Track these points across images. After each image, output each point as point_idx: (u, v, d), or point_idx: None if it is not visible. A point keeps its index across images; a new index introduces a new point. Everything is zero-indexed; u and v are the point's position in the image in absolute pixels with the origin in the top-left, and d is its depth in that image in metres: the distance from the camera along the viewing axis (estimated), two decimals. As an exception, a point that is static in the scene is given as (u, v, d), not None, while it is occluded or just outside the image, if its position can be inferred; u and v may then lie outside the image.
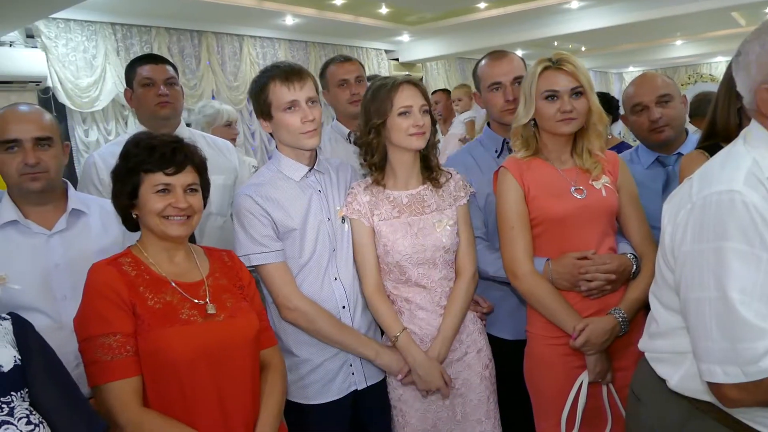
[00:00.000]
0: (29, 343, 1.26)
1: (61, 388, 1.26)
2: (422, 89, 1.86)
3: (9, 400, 1.16)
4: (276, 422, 1.60)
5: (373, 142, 1.85)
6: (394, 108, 1.80)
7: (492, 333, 2.09)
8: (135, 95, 2.41)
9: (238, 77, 6.52)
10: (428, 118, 1.83)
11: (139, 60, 2.46)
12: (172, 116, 2.42)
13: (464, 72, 10.10)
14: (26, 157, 1.69)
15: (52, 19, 5.07)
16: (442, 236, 1.86)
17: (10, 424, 1.13)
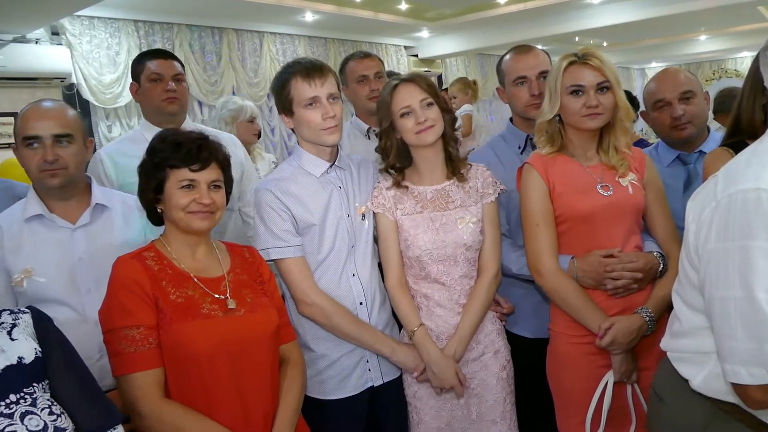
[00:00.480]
0: (48, 336, 1.28)
1: (80, 380, 1.28)
2: (422, 84, 1.83)
3: (32, 390, 1.18)
4: (295, 416, 1.61)
5: (386, 146, 1.88)
6: (394, 111, 1.82)
7: (513, 331, 2.08)
8: (142, 90, 2.40)
9: (258, 74, 6.55)
10: (433, 111, 1.82)
11: (147, 55, 2.46)
12: (179, 112, 2.43)
13: (483, 68, 10.05)
14: (45, 153, 1.71)
15: (77, 16, 5.15)
16: (464, 233, 1.85)
17: (34, 414, 1.15)
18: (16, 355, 1.20)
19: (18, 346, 1.21)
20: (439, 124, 1.83)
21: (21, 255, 1.71)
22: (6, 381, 1.15)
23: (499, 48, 8.93)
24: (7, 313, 1.26)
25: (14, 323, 1.25)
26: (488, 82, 10.11)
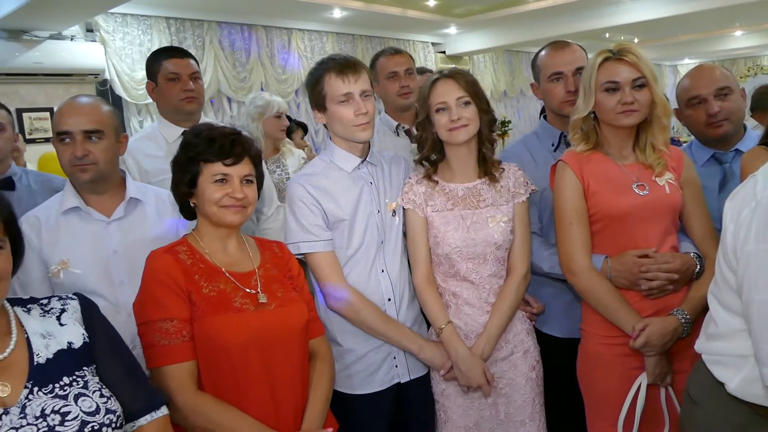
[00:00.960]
0: (94, 322, 1.31)
1: (124, 364, 1.32)
2: (461, 81, 1.82)
3: (83, 374, 1.22)
4: (324, 411, 1.62)
5: (422, 138, 1.88)
6: (431, 104, 1.81)
7: (543, 330, 2.06)
8: (158, 89, 2.40)
9: (286, 70, 6.61)
10: (470, 110, 1.80)
11: (163, 53, 2.45)
12: (197, 111, 2.44)
13: (511, 65, 9.97)
14: (75, 149, 1.74)
15: (111, 13, 5.25)
16: (495, 232, 1.84)
17: (86, 396, 1.19)
18: (66, 340, 1.24)
19: (67, 331, 1.26)
20: (474, 124, 1.82)
21: (58, 247, 1.75)
22: (59, 364, 1.20)
23: (527, 44, 8.87)
24: (56, 299, 1.30)
25: (63, 309, 1.29)
26: (516, 79, 10.04)
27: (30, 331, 1.22)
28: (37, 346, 1.20)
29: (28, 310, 1.26)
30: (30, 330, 1.22)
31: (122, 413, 1.23)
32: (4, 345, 1.18)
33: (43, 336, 1.22)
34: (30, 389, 1.15)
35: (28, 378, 1.16)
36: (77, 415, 1.15)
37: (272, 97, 3.56)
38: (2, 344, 1.18)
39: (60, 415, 1.13)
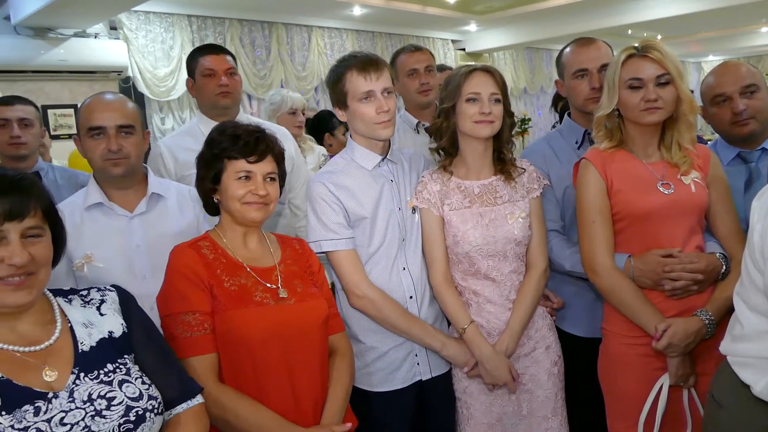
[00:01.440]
0: (132, 313, 1.34)
1: (161, 353, 1.35)
2: (497, 78, 1.83)
3: (124, 361, 1.25)
4: (343, 406, 1.63)
5: (442, 126, 1.86)
6: (462, 93, 1.80)
7: (564, 329, 2.05)
8: (196, 85, 2.47)
9: (306, 67, 6.64)
10: (498, 108, 1.80)
11: (200, 50, 2.52)
12: (232, 105, 2.48)
13: (531, 62, 9.90)
14: (109, 143, 1.77)
15: (134, 11, 5.32)
16: (515, 228, 1.83)
17: (130, 382, 1.22)
18: (106, 329, 1.27)
19: (107, 321, 1.29)
20: (499, 122, 1.82)
21: (82, 241, 1.78)
22: (102, 352, 1.23)
23: (548, 42, 8.81)
24: (95, 290, 1.34)
25: (102, 300, 1.32)
26: (536, 77, 9.97)
27: (73, 320, 1.25)
28: (80, 334, 1.24)
29: (69, 300, 1.29)
30: (72, 319, 1.26)
31: (162, 400, 1.26)
32: (49, 332, 1.21)
33: (85, 325, 1.26)
34: (77, 375, 1.18)
35: (74, 364, 1.19)
36: (122, 400, 1.18)
37: (288, 94, 3.57)
38: (48, 331, 1.21)
39: (106, 400, 1.16)
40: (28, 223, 1.14)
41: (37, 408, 1.10)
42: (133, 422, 1.17)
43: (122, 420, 1.16)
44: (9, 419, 1.07)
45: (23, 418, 1.08)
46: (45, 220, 1.19)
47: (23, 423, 1.08)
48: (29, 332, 1.19)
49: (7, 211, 1.11)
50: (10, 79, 4.74)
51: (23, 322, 1.19)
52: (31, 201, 1.15)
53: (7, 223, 1.11)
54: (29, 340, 1.18)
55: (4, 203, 1.11)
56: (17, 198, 1.13)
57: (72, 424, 1.11)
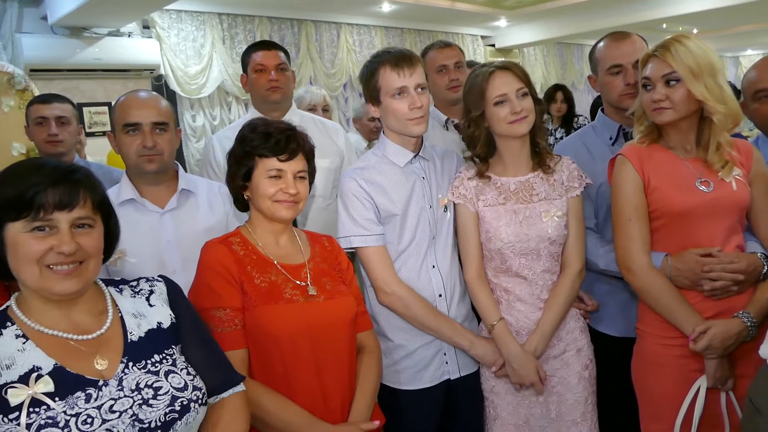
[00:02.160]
0: (179, 304, 1.37)
1: (206, 344, 1.37)
2: (518, 72, 1.79)
3: (171, 352, 1.28)
4: (371, 404, 1.63)
5: (474, 134, 1.84)
6: (489, 98, 1.77)
7: (597, 329, 2.01)
8: (249, 80, 2.51)
9: (335, 64, 6.65)
10: (528, 101, 1.78)
11: (254, 46, 2.56)
12: (283, 101, 2.50)
13: (563, 57, 9.76)
14: (145, 140, 1.80)
15: (166, 10, 5.39)
16: (549, 227, 1.80)
17: (175, 373, 1.24)
18: (155, 320, 1.30)
19: (156, 311, 1.31)
20: (532, 115, 1.79)
21: None
22: (150, 342, 1.26)
23: (579, 36, 8.66)
24: (144, 281, 1.37)
25: (151, 290, 1.35)
26: (567, 72, 9.83)
27: (123, 310, 1.28)
28: (129, 324, 1.26)
29: (120, 290, 1.32)
30: (123, 309, 1.28)
31: (206, 390, 1.28)
32: (101, 322, 1.24)
33: (134, 315, 1.28)
34: (126, 364, 1.21)
35: (124, 353, 1.22)
36: (168, 390, 1.20)
37: (308, 90, 3.59)
38: (100, 321, 1.24)
39: (153, 390, 1.19)
40: (77, 213, 1.16)
41: (89, 395, 1.13)
42: (178, 412, 1.19)
43: (168, 409, 1.18)
44: (62, 405, 1.10)
45: (75, 404, 1.11)
46: (97, 212, 1.21)
47: (75, 409, 1.11)
48: (82, 321, 1.22)
49: (57, 201, 1.14)
50: (47, 78, 4.84)
51: (77, 311, 1.22)
52: (81, 192, 1.17)
53: (57, 212, 1.14)
54: (82, 329, 1.21)
55: (54, 193, 1.14)
56: (67, 188, 1.16)
57: (120, 412, 1.14)
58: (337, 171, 2.51)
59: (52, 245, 1.14)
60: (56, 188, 1.15)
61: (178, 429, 1.20)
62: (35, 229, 1.13)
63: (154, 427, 1.16)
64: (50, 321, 1.18)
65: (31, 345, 1.15)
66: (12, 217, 1.13)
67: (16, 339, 1.15)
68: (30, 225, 1.13)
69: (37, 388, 1.10)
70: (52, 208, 1.14)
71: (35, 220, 1.13)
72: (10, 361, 1.12)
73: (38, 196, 1.13)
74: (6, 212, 1.13)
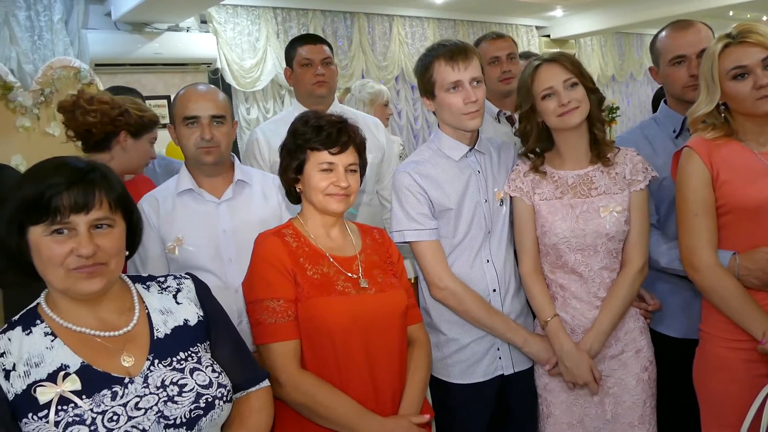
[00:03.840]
0: (207, 302, 1.38)
1: (232, 342, 1.38)
2: (565, 63, 1.74)
3: (196, 350, 1.29)
4: (421, 397, 1.62)
5: (527, 129, 1.81)
6: (536, 93, 1.74)
7: (657, 329, 1.94)
8: (294, 74, 2.52)
9: (387, 57, 6.64)
10: (578, 91, 1.72)
11: (299, 40, 2.56)
12: (328, 94, 2.50)
13: (621, 47, 9.45)
14: (203, 132, 1.84)
15: (223, 5, 5.51)
16: (607, 222, 1.74)
17: (200, 370, 1.25)
18: (182, 317, 1.31)
19: (183, 309, 1.33)
20: (585, 104, 1.73)
21: (174, 225, 1.86)
22: (176, 339, 1.27)
23: (640, 26, 8.35)
24: (172, 278, 1.38)
25: (178, 288, 1.36)
26: (625, 63, 9.52)
27: (150, 307, 1.29)
28: (156, 321, 1.28)
29: (147, 287, 1.33)
30: (150, 305, 1.30)
31: (231, 387, 1.29)
32: (128, 319, 1.25)
33: (161, 312, 1.30)
34: (151, 361, 1.21)
35: (150, 351, 1.23)
36: (193, 387, 1.21)
37: (381, 86, 3.62)
38: (126, 318, 1.25)
39: (178, 387, 1.20)
40: (94, 214, 1.16)
41: (114, 392, 1.15)
42: (203, 409, 1.20)
43: (193, 406, 1.19)
44: (89, 403, 1.12)
45: (101, 402, 1.13)
46: (116, 210, 1.21)
47: (101, 407, 1.12)
48: (109, 318, 1.23)
49: (73, 204, 1.14)
50: (111, 72, 5.02)
51: (103, 308, 1.23)
52: (97, 193, 1.17)
53: (73, 215, 1.14)
54: (109, 326, 1.22)
55: (70, 195, 1.14)
56: (82, 190, 1.15)
57: (146, 409, 1.14)
58: (379, 166, 2.51)
59: (71, 248, 1.14)
60: (72, 190, 1.14)
61: (203, 425, 1.20)
62: (54, 232, 1.14)
63: (180, 424, 1.16)
64: (78, 318, 1.20)
65: (59, 343, 1.17)
66: (33, 221, 1.14)
67: (45, 337, 1.17)
68: (49, 228, 1.14)
69: (65, 386, 1.12)
70: (68, 212, 1.13)
71: (53, 224, 1.13)
72: (39, 359, 1.14)
73: (54, 199, 1.13)
74: (27, 215, 1.14)
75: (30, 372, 1.12)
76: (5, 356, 1.14)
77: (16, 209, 1.14)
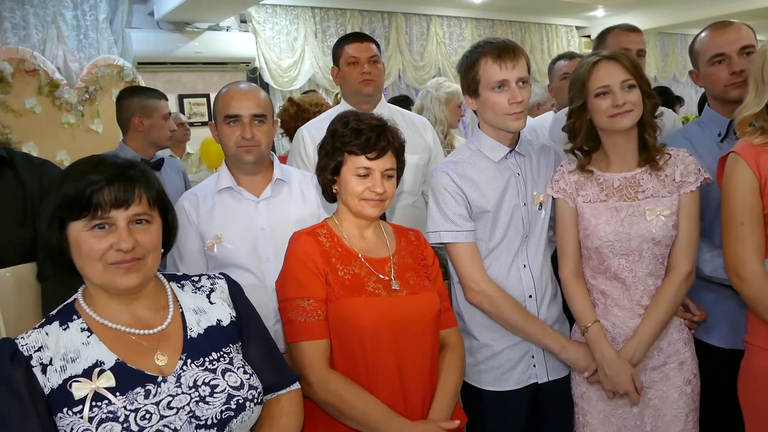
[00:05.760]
0: (240, 302, 1.39)
1: (264, 344, 1.39)
2: (625, 63, 1.68)
3: (229, 350, 1.29)
4: (452, 402, 1.60)
5: (575, 126, 1.75)
6: (590, 89, 1.68)
7: (702, 339, 1.88)
8: (341, 73, 2.50)
9: (424, 57, 6.62)
10: (633, 94, 1.66)
11: (346, 39, 2.55)
12: (375, 93, 2.49)
13: (664, 48, 9.23)
14: (244, 131, 1.85)
15: (262, 5, 5.58)
16: (653, 226, 1.68)
17: (232, 371, 1.25)
18: (215, 317, 1.32)
19: (216, 309, 1.33)
20: (638, 108, 1.68)
21: (213, 223, 1.87)
22: (208, 339, 1.27)
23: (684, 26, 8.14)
24: (206, 278, 1.39)
25: (212, 288, 1.37)
26: (668, 64, 9.30)
27: (184, 306, 1.30)
28: (190, 320, 1.29)
29: (181, 286, 1.35)
30: (184, 304, 1.31)
31: (262, 389, 1.29)
32: (162, 317, 1.27)
33: (195, 312, 1.30)
34: (184, 361, 1.22)
35: (183, 350, 1.24)
36: (224, 388, 1.21)
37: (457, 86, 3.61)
38: (161, 316, 1.27)
39: (210, 387, 1.20)
40: (134, 210, 1.18)
41: (147, 391, 1.15)
42: (234, 410, 1.20)
43: (224, 407, 1.19)
44: (122, 400, 1.13)
45: (135, 399, 1.14)
46: (154, 207, 1.23)
47: (134, 405, 1.13)
48: (144, 316, 1.24)
49: (113, 199, 1.16)
50: (153, 71, 5.14)
51: (139, 305, 1.25)
52: (136, 189, 1.19)
53: (113, 210, 1.16)
54: (144, 324, 1.23)
55: (110, 191, 1.16)
56: (122, 186, 1.17)
57: (178, 408, 1.15)
58: (426, 167, 2.48)
59: (111, 243, 1.16)
60: (112, 186, 1.16)
61: (234, 427, 1.20)
62: (95, 227, 1.16)
63: (210, 425, 1.17)
64: (114, 315, 1.22)
65: (95, 339, 1.18)
66: (73, 216, 1.16)
67: (81, 332, 1.19)
68: (90, 224, 1.16)
69: (100, 382, 1.13)
70: (109, 207, 1.16)
71: (94, 219, 1.16)
72: (75, 354, 1.16)
73: (96, 195, 1.15)
74: (68, 211, 1.16)
75: (66, 367, 1.14)
76: (42, 351, 1.15)
77: (57, 205, 1.17)
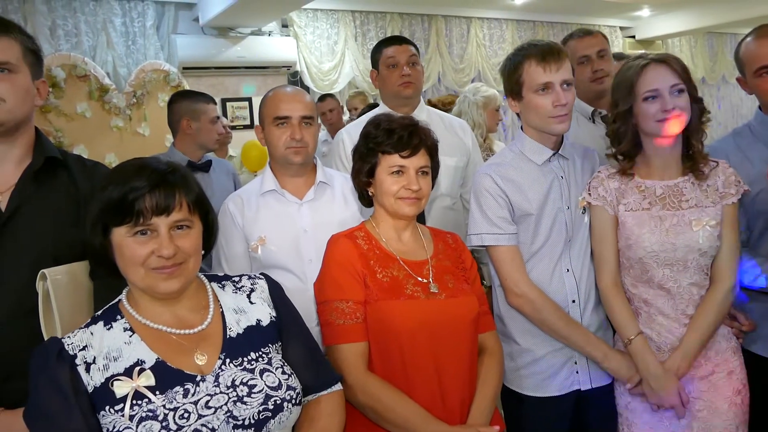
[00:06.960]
0: (280, 303, 1.40)
1: (305, 344, 1.39)
2: (675, 67, 1.64)
3: (267, 351, 1.30)
4: (490, 407, 1.58)
5: (620, 130, 1.71)
6: (638, 93, 1.64)
7: (751, 350, 1.82)
8: (380, 76, 2.50)
9: (464, 59, 6.59)
10: (683, 99, 1.62)
11: (385, 42, 2.56)
12: (414, 95, 2.48)
13: (713, 48, 8.96)
14: (293, 132, 1.88)
15: (303, 9, 5.64)
16: (700, 237, 1.64)
17: (270, 372, 1.25)
18: (255, 318, 1.33)
19: (256, 309, 1.35)
20: (687, 114, 1.64)
21: (257, 224, 1.90)
22: (248, 339, 1.29)
23: (733, 25, 7.87)
24: (246, 278, 1.40)
25: (252, 288, 1.38)
26: (717, 64, 9.02)
27: (224, 306, 1.32)
28: (229, 320, 1.30)
29: (222, 286, 1.36)
30: (224, 304, 1.32)
31: (301, 390, 1.29)
32: (202, 317, 1.28)
33: (235, 311, 1.32)
34: (223, 360, 1.23)
35: (222, 349, 1.25)
36: (262, 388, 1.21)
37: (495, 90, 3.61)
38: (201, 316, 1.29)
39: (248, 387, 1.21)
40: (175, 216, 1.20)
41: (186, 390, 1.17)
42: (271, 411, 1.20)
43: (261, 408, 1.19)
44: (162, 399, 1.14)
45: (174, 398, 1.15)
46: (194, 211, 1.25)
47: (173, 403, 1.14)
48: (185, 316, 1.26)
49: (155, 206, 1.18)
50: (197, 75, 5.25)
51: (181, 306, 1.27)
52: (177, 195, 1.21)
53: (155, 217, 1.18)
54: (185, 324, 1.25)
55: (152, 198, 1.18)
56: (164, 193, 1.19)
57: (216, 408, 1.16)
58: (464, 170, 2.46)
59: (153, 249, 1.18)
60: (154, 193, 1.18)
61: (272, 427, 1.21)
62: (137, 233, 1.18)
63: (248, 425, 1.17)
64: (155, 315, 1.24)
65: (136, 338, 1.20)
66: (116, 222, 1.18)
67: (124, 332, 1.21)
68: (132, 230, 1.18)
69: (140, 381, 1.15)
70: (151, 214, 1.18)
71: (136, 225, 1.18)
72: (117, 353, 1.18)
73: (138, 201, 1.17)
74: (111, 217, 1.18)
75: (108, 366, 1.16)
76: (87, 350, 1.18)
77: (101, 211, 1.20)
